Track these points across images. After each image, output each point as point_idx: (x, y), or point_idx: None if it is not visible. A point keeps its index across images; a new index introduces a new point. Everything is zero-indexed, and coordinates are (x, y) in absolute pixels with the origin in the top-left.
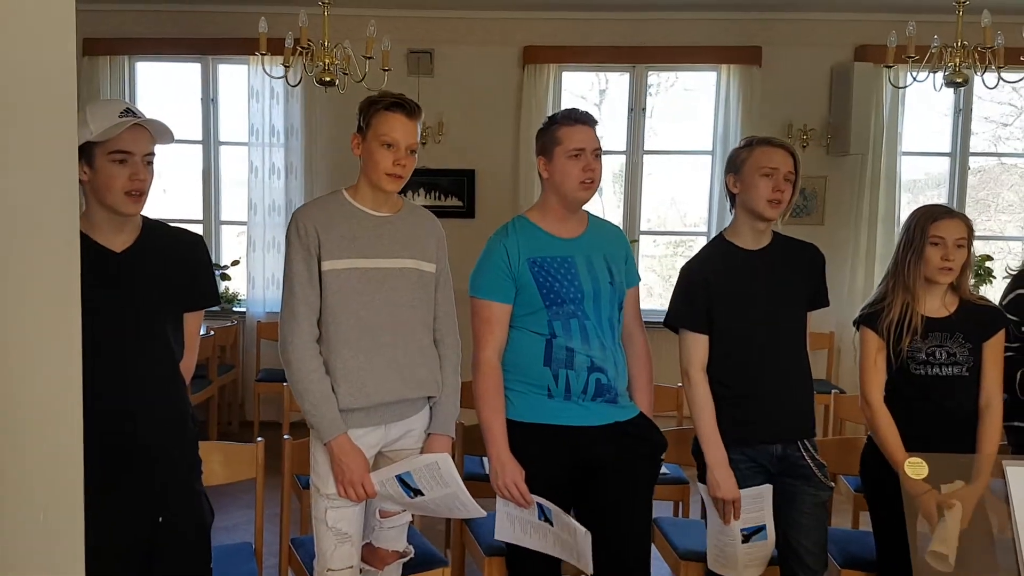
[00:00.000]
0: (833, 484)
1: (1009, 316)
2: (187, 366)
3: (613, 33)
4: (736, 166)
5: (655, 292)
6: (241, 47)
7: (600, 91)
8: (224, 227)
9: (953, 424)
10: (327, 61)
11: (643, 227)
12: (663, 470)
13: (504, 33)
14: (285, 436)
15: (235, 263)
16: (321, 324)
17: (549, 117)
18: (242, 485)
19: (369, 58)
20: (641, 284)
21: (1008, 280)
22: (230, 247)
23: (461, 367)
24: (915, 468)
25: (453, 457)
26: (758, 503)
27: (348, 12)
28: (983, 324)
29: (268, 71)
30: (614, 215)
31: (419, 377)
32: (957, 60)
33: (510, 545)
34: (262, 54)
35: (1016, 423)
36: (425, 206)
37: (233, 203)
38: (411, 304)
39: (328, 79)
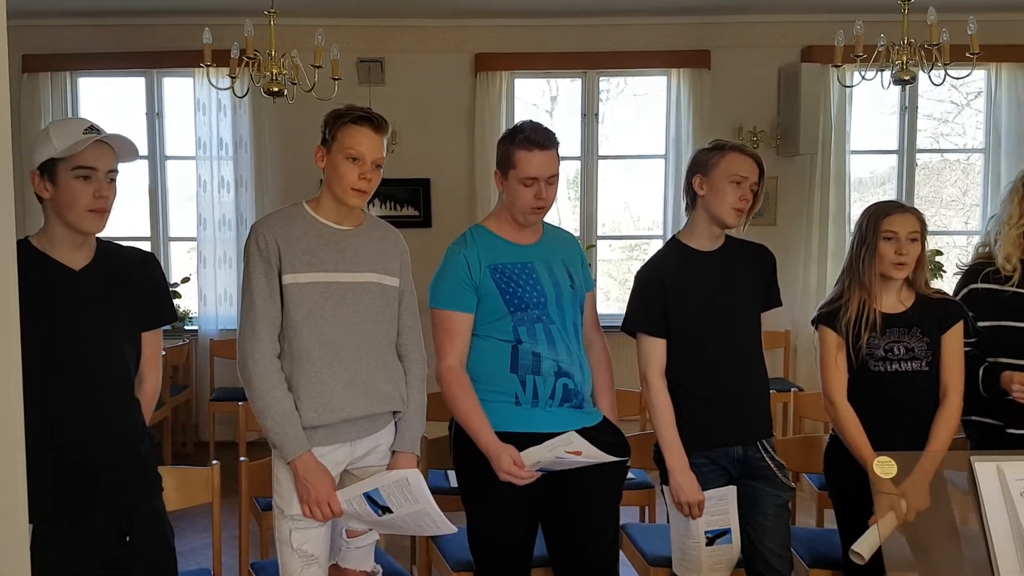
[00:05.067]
0: (794, 485)
1: None
2: (152, 386)
3: (564, 39)
4: (705, 168)
5: (612, 296)
6: (186, 59)
7: (551, 98)
8: (173, 243)
9: (915, 420)
10: (274, 71)
11: (599, 232)
12: (628, 475)
13: (455, 41)
14: (242, 458)
15: (185, 280)
16: (282, 339)
17: (512, 129)
18: (198, 509)
19: (318, 67)
20: (598, 289)
21: (959, 276)
22: (180, 264)
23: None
24: (884, 467)
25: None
26: (722, 504)
27: (295, 22)
28: (940, 317)
29: (214, 83)
30: (570, 221)
31: (384, 392)
32: (904, 58)
33: (479, 561)
34: (207, 65)
35: (975, 417)
36: (381, 216)
37: (182, 219)
38: (374, 318)
39: (276, 89)
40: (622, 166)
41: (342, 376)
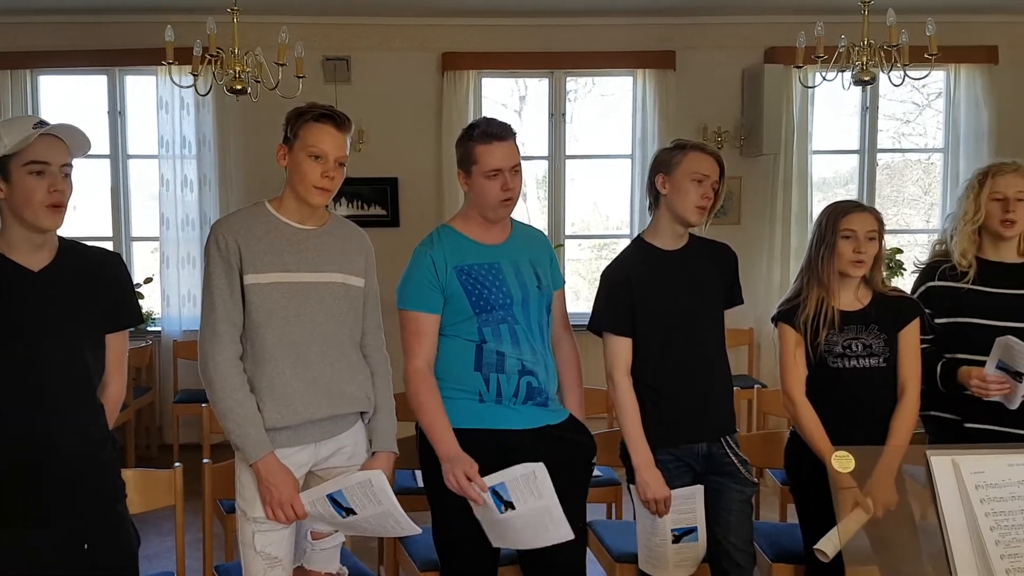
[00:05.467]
0: (757, 480)
1: None
2: (117, 390)
3: (531, 39)
4: (667, 167)
5: (581, 296)
6: (148, 57)
7: (520, 97)
8: (135, 243)
9: (873, 416)
10: (238, 69)
11: (568, 231)
12: (595, 472)
13: (422, 39)
14: (205, 460)
15: (148, 280)
16: (244, 340)
17: (466, 128)
18: (161, 512)
19: (282, 65)
20: (567, 288)
21: (916, 274)
22: (143, 264)
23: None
24: (842, 461)
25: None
26: (689, 503)
27: (259, 19)
28: (897, 314)
29: (177, 81)
30: (539, 221)
31: (348, 393)
32: (864, 59)
33: (444, 561)
34: (169, 63)
35: (933, 412)
36: (348, 216)
37: (144, 218)
38: (338, 319)
39: (239, 87)
40: (589, 166)
41: (305, 377)
